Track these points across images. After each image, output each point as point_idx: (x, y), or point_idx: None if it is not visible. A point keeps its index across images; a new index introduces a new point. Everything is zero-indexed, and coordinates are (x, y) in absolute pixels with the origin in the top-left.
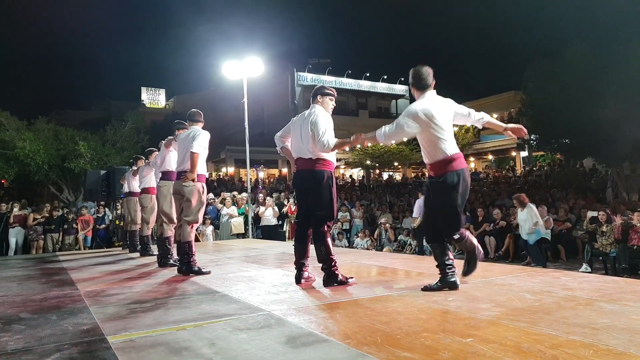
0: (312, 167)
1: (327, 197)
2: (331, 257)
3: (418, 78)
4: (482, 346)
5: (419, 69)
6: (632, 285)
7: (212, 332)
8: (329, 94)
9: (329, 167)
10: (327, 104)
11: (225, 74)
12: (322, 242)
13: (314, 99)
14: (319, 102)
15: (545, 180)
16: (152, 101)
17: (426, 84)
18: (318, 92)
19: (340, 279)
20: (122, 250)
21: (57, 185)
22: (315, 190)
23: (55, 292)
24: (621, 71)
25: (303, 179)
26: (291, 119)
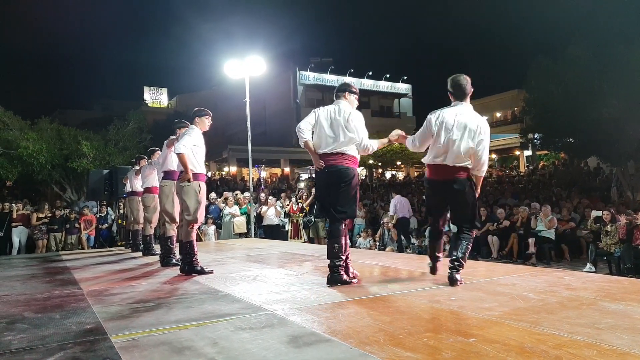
0: (341, 163)
1: (352, 195)
2: (341, 256)
3: (454, 86)
4: (485, 346)
5: (457, 77)
6: (637, 285)
7: (215, 331)
8: (355, 92)
9: (356, 165)
10: (352, 102)
11: (227, 73)
12: (337, 239)
13: (340, 94)
14: (345, 99)
15: (549, 180)
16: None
17: (461, 93)
18: (346, 89)
19: (344, 279)
20: (124, 249)
21: (60, 184)
22: (342, 187)
23: (59, 292)
24: (623, 70)
25: (331, 175)
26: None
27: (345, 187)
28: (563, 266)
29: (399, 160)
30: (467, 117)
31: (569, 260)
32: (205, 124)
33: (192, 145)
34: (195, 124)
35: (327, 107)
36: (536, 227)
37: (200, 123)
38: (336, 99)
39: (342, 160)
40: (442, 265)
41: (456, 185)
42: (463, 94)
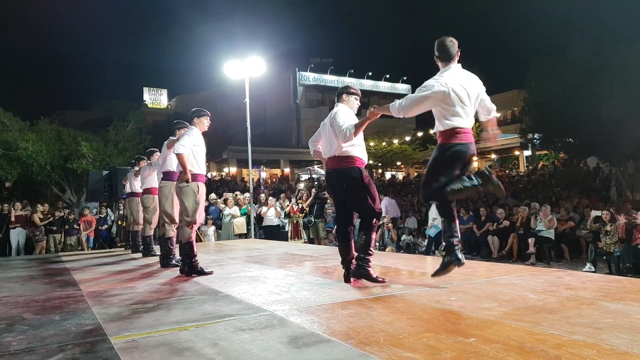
0: (339, 165)
1: (363, 194)
2: (369, 251)
3: (441, 49)
4: (484, 346)
5: (442, 39)
6: (636, 285)
7: (215, 332)
8: (354, 93)
9: (358, 164)
10: (352, 103)
11: (227, 74)
12: (367, 232)
13: (339, 98)
14: (344, 101)
15: (549, 180)
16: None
17: (450, 55)
18: (344, 91)
19: (371, 275)
20: (124, 250)
21: (59, 185)
22: (350, 189)
23: (58, 293)
24: (623, 70)
25: (333, 178)
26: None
27: (350, 187)
28: (563, 266)
29: (398, 160)
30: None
31: (569, 260)
32: (204, 125)
33: (192, 146)
34: (194, 124)
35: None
36: (536, 227)
37: (199, 123)
38: (336, 103)
39: (340, 162)
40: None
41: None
42: (451, 56)
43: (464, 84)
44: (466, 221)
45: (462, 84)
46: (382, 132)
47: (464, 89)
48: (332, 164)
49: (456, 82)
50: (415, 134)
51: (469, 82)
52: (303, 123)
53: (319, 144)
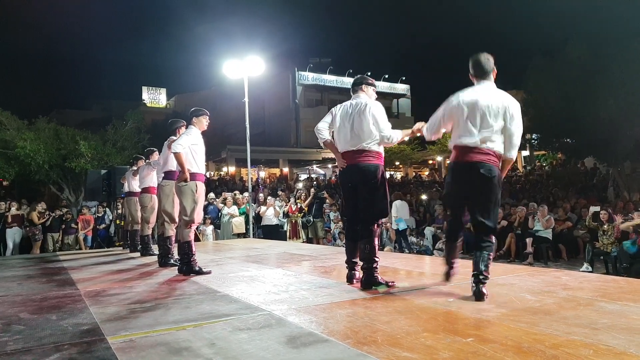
0: (364, 160)
1: (380, 193)
2: (374, 259)
3: (476, 65)
4: (482, 346)
5: (477, 56)
6: (633, 285)
7: (212, 332)
8: (372, 84)
9: (381, 161)
10: (371, 95)
11: (226, 73)
12: (368, 240)
13: (357, 88)
14: (363, 91)
15: (547, 180)
16: (152, 100)
17: (484, 71)
18: (363, 82)
19: (379, 281)
20: (122, 250)
21: (57, 185)
22: (368, 185)
23: (55, 292)
24: (621, 71)
25: (353, 173)
26: (331, 110)
27: (370, 184)
28: (560, 266)
29: (397, 160)
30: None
31: (566, 260)
32: (203, 124)
33: (191, 145)
34: (193, 124)
35: (345, 103)
36: (534, 227)
37: (198, 123)
38: (353, 94)
39: (363, 157)
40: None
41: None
42: (483, 72)
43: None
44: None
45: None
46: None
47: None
48: (355, 158)
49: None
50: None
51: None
52: (302, 123)
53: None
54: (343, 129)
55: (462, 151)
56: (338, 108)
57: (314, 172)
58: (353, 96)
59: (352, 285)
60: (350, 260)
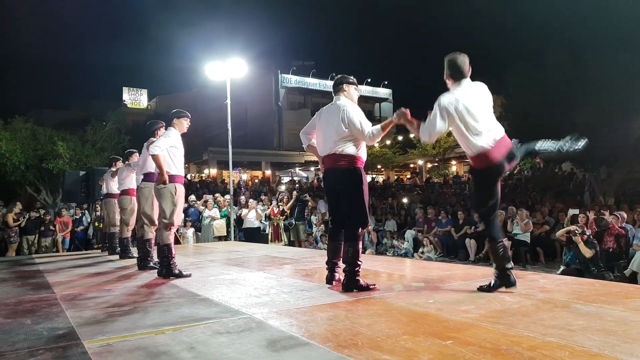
0: (340, 164)
1: (357, 198)
2: (357, 262)
3: (453, 67)
4: (461, 348)
5: (453, 56)
6: (608, 288)
7: (192, 335)
8: (353, 82)
9: (359, 164)
10: (352, 94)
11: (208, 75)
12: (352, 243)
13: (338, 89)
14: (344, 91)
15: (525, 184)
16: (133, 101)
17: (462, 73)
18: (343, 81)
19: (361, 284)
20: (101, 252)
21: (34, 186)
22: (345, 190)
23: (30, 296)
24: (597, 78)
25: (331, 178)
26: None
27: (347, 189)
28: (538, 269)
29: (379, 164)
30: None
31: (544, 263)
32: (184, 126)
33: (170, 147)
34: (173, 125)
35: (325, 106)
36: (512, 231)
37: (179, 125)
38: (335, 95)
39: (340, 160)
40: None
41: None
42: (462, 75)
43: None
44: (444, 224)
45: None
46: None
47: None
48: (330, 162)
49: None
50: (395, 138)
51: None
52: (285, 125)
53: (313, 137)
54: (320, 133)
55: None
56: (321, 112)
57: (296, 175)
58: (334, 98)
59: (331, 287)
60: (331, 260)
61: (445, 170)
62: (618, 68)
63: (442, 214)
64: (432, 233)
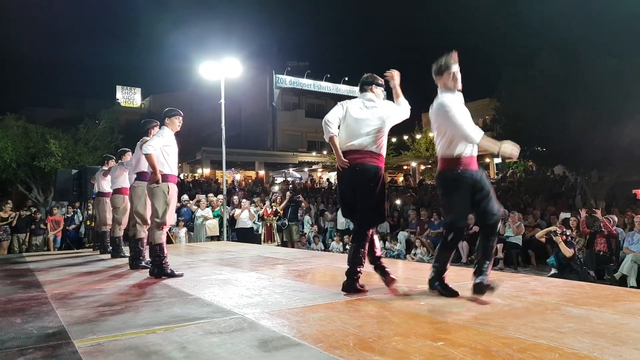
0: (368, 162)
1: (380, 196)
2: (362, 263)
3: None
4: (452, 350)
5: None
6: (597, 290)
7: (183, 335)
8: (381, 85)
9: (383, 164)
10: (378, 95)
11: (202, 75)
12: (360, 243)
13: (366, 87)
14: (373, 92)
15: (518, 187)
16: (127, 100)
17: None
18: (373, 81)
19: (356, 287)
20: (92, 251)
21: (25, 184)
22: (369, 187)
23: (20, 295)
24: (589, 82)
25: (356, 175)
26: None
27: (371, 186)
28: (529, 271)
29: None
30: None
31: (535, 265)
32: (176, 125)
33: (163, 146)
34: (166, 124)
35: (355, 99)
36: (504, 233)
37: (171, 124)
38: (361, 93)
39: (369, 158)
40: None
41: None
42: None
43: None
44: (437, 226)
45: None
46: None
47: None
48: (360, 158)
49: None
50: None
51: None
52: (279, 126)
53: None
54: (352, 127)
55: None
56: (349, 103)
57: (290, 176)
58: (361, 94)
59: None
60: (374, 260)
61: None
62: (609, 72)
63: (435, 215)
64: (425, 235)
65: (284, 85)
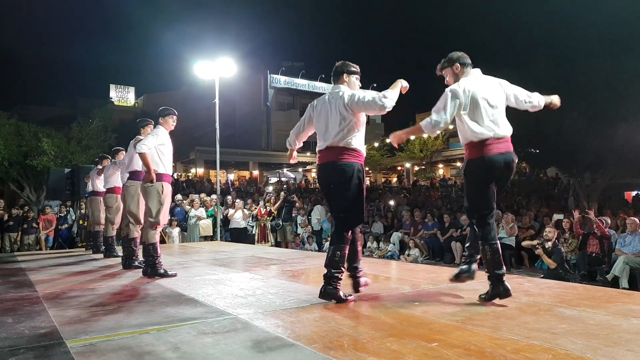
0: (338, 158)
1: (354, 197)
2: (341, 268)
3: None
4: (446, 350)
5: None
6: (590, 292)
7: (177, 336)
8: (355, 72)
9: (359, 159)
10: (353, 84)
11: (197, 74)
12: (339, 246)
13: (338, 78)
14: (344, 82)
15: (511, 188)
16: (120, 99)
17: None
18: (344, 71)
19: (339, 296)
20: (85, 251)
21: (17, 183)
22: (341, 187)
23: (12, 294)
24: (582, 84)
25: (327, 173)
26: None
27: (343, 186)
28: (522, 272)
29: (366, 165)
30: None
31: (528, 266)
32: (170, 124)
33: (158, 145)
34: (160, 123)
35: (321, 97)
36: (498, 234)
37: (165, 123)
38: (334, 84)
39: (338, 154)
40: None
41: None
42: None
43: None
44: (431, 227)
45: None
46: None
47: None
48: (332, 156)
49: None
50: (383, 140)
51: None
52: (273, 126)
53: (304, 138)
54: (319, 125)
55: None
56: (313, 104)
57: (284, 176)
58: (333, 86)
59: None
60: (351, 265)
61: (432, 173)
62: (602, 75)
63: (429, 216)
64: (419, 235)
65: (278, 85)
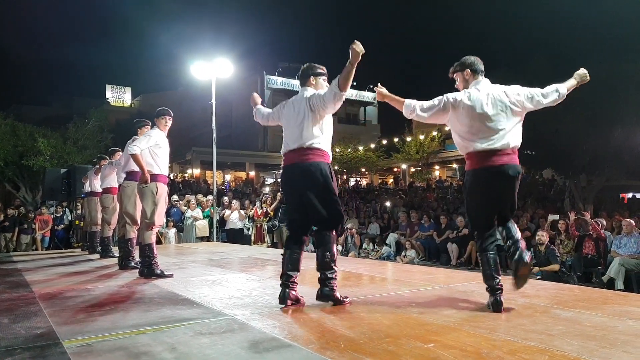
0: (302, 159)
1: (331, 196)
2: (334, 267)
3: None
4: (443, 352)
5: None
6: (586, 293)
7: (173, 336)
8: (322, 73)
9: (325, 159)
10: (320, 86)
11: (194, 75)
12: (326, 246)
13: (305, 80)
14: (311, 84)
15: None
16: (117, 99)
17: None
18: (310, 73)
19: (336, 297)
20: (81, 251)
21: (13, 183)
22: (315, 187)
23: (8, 295)
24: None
25: (294, 174)
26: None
27: (313, 187)
28: None
29: (363, 167)
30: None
31: None
32: (163, 124)
33: (152, 146)
34: (155, 124)
35: (291, 100)
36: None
37: (159, 123)
38: (301, 87)
39: (304, 155)
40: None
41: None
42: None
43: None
44: (427, 228)
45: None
46: (348, 138)
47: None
48: (296, 157)
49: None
50: (380, 142)
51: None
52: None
53: (270, 122)
54: (287, 127)
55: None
56: (283, 104)
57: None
58: (301, 90)
59: (285, 307)
60: (286, 273)
61: (428, 174)
62: (599, 78)
63: (425, 217)
64: (415, 237)
65: (275, 86)
